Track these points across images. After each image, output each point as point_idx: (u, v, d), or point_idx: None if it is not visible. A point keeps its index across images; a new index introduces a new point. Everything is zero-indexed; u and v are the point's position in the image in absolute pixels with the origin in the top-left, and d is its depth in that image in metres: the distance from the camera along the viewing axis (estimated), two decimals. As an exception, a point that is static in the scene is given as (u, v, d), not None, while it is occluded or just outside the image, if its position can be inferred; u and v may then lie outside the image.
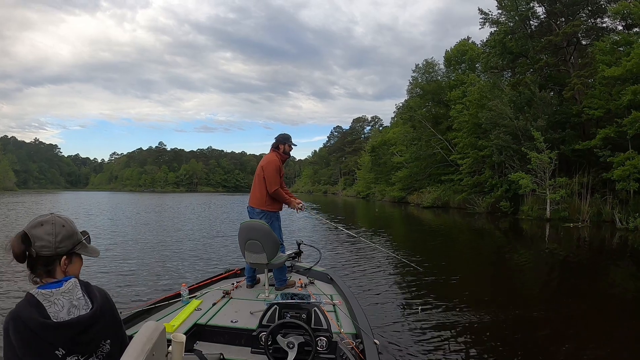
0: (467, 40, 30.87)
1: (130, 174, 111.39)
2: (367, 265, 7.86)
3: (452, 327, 4.37)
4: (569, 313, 5.03)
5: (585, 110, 15.56)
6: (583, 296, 5.92)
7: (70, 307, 1.25)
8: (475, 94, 22.17)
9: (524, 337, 4.25)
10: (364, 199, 45.90)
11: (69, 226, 1.34)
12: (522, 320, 4.75)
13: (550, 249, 10.63)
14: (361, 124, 79.83)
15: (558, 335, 4.20)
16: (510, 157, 18.61)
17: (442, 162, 29.38)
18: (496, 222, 16.79)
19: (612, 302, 5.69)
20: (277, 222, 4.17)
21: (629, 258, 9.35)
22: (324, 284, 4.09)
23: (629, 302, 5.72)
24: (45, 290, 1.25)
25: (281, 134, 4.27)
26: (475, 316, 4.76)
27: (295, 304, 2.54)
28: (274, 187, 4.03)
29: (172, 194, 74.49)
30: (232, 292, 3.69)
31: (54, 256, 1.29)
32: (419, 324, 4.48)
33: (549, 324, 4.55)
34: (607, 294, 6.14)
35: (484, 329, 4.40)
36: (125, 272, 6.85)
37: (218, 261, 7.93)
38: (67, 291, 1.27)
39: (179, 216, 21.08)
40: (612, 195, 14.43)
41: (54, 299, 1.24)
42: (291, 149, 4.25)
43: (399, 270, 7.65)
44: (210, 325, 2.91)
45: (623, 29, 17.89)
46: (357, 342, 2.59)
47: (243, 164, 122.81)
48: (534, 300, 5.83)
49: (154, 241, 10.88)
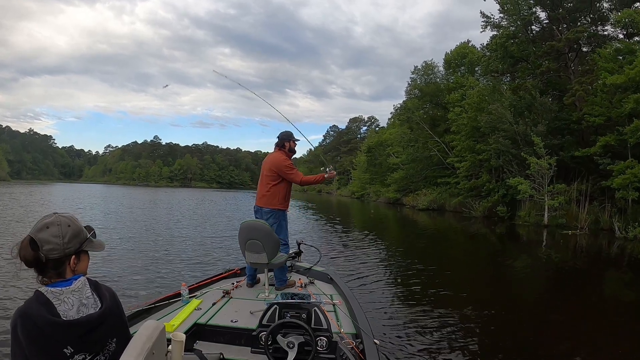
0: (468, 44, 30.78)
1: (125, 167, 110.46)
2: (367, 265, 7.84)
3: (452, 327, 4.40)
4: (565, 319, 5.01)
5: (586, 118, 15.49)
6: (581, 303, 5.86)
7: (79, 306, 1.25)
8: (475, 97, 22.07)
9: (519, 337, 4.28)
10: (358, 199, 45.74)
11: (75, 225, 1.32)
12: (518, 322, 4.80)
13: (549, 255, 10.51)
14: (357, 124, 79.80)
15: (554, 340, 4.20)
16: (508, 161, 18.52)
17: (439, 164, 29.30)
18: (493, 227, 16.70)
19: (610, 310, 5.64)
20: (285, 222, 4.15)
21: (627, 267, 9.29)
22: (324, 284, 4.08)
23: (627, 310, 5.68)
24: (55, 288, 1.24)
25: (283, 132, 4.23)
26: (473, 317, 4.82)
27: (296, 304, 2.53)
28: (298, 179, 4.05)
29: (165, 189, 74.02)
30: (232, 292, 3.68)
31: (63, 257, 1.28)
32: (419, 324, 4.51)
33: (543, 327, 4.57)
34: (605, 302, 6.10)
35: (481, 329, 4.44)
36: (125, 272, 6.78)
37: (218, 261, 7.90)
38: (76, 290, 1.27)
39: (174, 214, 20.74)
40: (611, 203, 14.38)
41: (63, 297, 1.23)
42: (295, 145, 4.25)
43: (399, 270, 7.64)
44: (210, 325, 2.90)
45: (624, 37, 17.94)
46: (357, 342, 2.59)
47: (238, 160, 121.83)
48: (530, 304, 5.84)
49: (154, 240, 10.65)
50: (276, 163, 4.03)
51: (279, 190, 4.03)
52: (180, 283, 3.61)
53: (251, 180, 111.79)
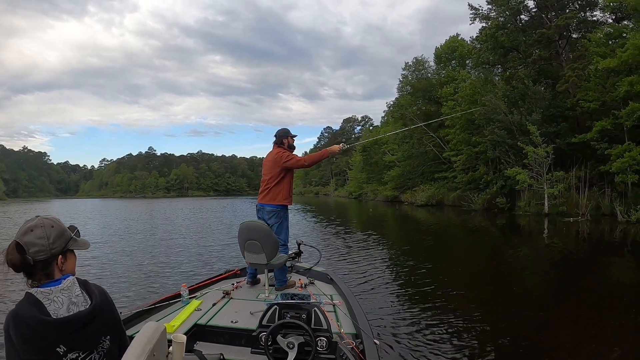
0: (457, 37, 30.75)
1: (121, 180, 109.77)
2: (367, 265, 7.79)
3: (452, 327, 4.34)
4: (571, 312, 4.86)
5: (581, 103, 15.40)
6: (587, 293, 5.68)
7: (69, 304, 1.25)
8: (468, 90, 21.98)
9: (523, 335, 4.16)
10: (356, 199, 45.55)
11: (58, 225, 1.33)
12: (522, 319, 4.68)
13: (553, 244, 10.32)
14: (351, 124, 79.71)
15: (559, 332, 4.14)
16: (505, 152, 18.41)
17: (435, 159, 29.19)
18: (493, 219, 16.54)
19: (618, 297, 5.49)
20: (286, 222, 4.17)
21: (632, 252, 9.12)
22: (324, 284, 4.08)
23: (635, 297, 5.50)
24: (44, 288, 1.25)
25: (280, 130, 4.24)
26: (475, 315, 4.72)
27: (296, 304, 2.53)
28: (299, 162, 4.08)
29: (163, 200, 73.71)
30: (232, 293, 3.68)
31: (50, 258, 1.28)
32: (420, 323, 4.47)
33: (549, 323, 4.47)
34: (612, 290, 5.94)
35: (484, 327, 4.36)
36: (125, 273, 6.79)
37: (218, 260, 7.84)
38: (65, 288, 1.27)
39: (172, 223, 20.48)
40: (610, 188, 14.26)
41: (53, 296, 1.24)
42: (294, 140, 4.27)
43: (400, 269, 7.59)
44: (210, 326, 2.90)
45: (613, 21, 17.89)
46: (357, 342, 2.58)
47: (234, 167, 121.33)
48: (534, 299, 5.72)
49: (153, 246, 10.65)
50: (276, 157, 4.05)
51: (282, 186, 4.05)
52: (181, 284, 3.62)
53: (248, 186, 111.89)
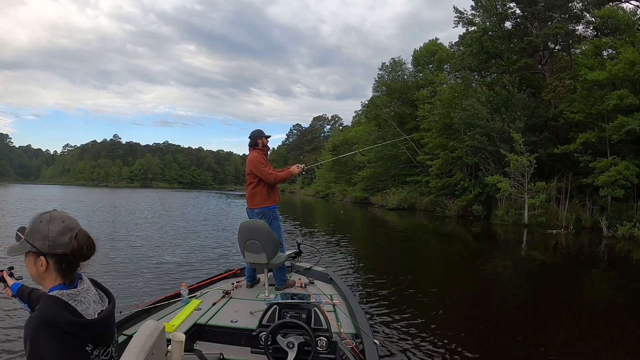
0: (436, 41, 30.51)
1: (83, 167, 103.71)
2: (366, 265, 7.87)
3: (452, 327, 4.43)
4: (555, 323, 4.81)
5: (565, 114, 15.17)
6: (573, 307, 5.63)
7: (93, 304, 1.24)
8: (447, 94, 21.50)
9: (518, 337, 4.24)
10: (323, 198, 44.52)
11: None
12: (518, 322, 4.81)
13: (541, 258, 9.70)
14: (321, 123, 78.88)
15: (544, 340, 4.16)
16: (484, 159, 17.97)
17: (408, 162, 28.72)
18: (468, 227, 16.01)
19: (603, 313, 5.42)
20: (277, 222, 4.12)
21: (621, 267, 8.74)
22: (324, 284, 4.08)
23: (621, 310, 5.53)
24: (70, 290, 1.21)
25: (254, 131, 4.30)
26: (475, 314, 4.88)
27: (295, 304, 2.55)
28: (269, 177, 4.07)
29: (125, 189, 70.12)
30: (232, 292, 3.67)
31: None
32: (419, 323, 4.50)
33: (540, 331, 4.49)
34: (597, 305, 5.85)
35: (482, 329, 4.46)
36: (125, 272, 6.65)
37: (218, 260, 7.79)
38: (87, 289, 1.26)
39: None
40: (591, 201, 14.07)
41: (80, 297, 1.21)
42: (268, 141, 4.34)
43: (399, 270, 7.63)
44: (210, 325, 2.90)
45: (595, 37, 17.98)
46: (357, 342, 2.58)
47: (199, 160, 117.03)
48: (530, 303, 5.81)
49: (151, 240, 10.28)
50: (253, 163, 4.11)
51: (261, 188, 4.08)
52: (180, 283, 3.58)
53: (213, 180, 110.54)
